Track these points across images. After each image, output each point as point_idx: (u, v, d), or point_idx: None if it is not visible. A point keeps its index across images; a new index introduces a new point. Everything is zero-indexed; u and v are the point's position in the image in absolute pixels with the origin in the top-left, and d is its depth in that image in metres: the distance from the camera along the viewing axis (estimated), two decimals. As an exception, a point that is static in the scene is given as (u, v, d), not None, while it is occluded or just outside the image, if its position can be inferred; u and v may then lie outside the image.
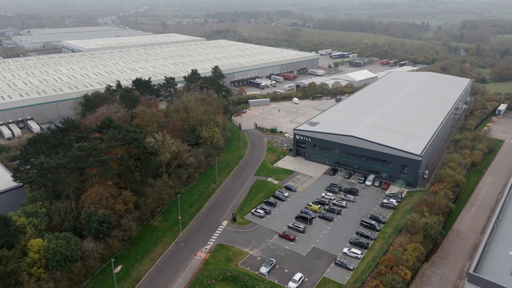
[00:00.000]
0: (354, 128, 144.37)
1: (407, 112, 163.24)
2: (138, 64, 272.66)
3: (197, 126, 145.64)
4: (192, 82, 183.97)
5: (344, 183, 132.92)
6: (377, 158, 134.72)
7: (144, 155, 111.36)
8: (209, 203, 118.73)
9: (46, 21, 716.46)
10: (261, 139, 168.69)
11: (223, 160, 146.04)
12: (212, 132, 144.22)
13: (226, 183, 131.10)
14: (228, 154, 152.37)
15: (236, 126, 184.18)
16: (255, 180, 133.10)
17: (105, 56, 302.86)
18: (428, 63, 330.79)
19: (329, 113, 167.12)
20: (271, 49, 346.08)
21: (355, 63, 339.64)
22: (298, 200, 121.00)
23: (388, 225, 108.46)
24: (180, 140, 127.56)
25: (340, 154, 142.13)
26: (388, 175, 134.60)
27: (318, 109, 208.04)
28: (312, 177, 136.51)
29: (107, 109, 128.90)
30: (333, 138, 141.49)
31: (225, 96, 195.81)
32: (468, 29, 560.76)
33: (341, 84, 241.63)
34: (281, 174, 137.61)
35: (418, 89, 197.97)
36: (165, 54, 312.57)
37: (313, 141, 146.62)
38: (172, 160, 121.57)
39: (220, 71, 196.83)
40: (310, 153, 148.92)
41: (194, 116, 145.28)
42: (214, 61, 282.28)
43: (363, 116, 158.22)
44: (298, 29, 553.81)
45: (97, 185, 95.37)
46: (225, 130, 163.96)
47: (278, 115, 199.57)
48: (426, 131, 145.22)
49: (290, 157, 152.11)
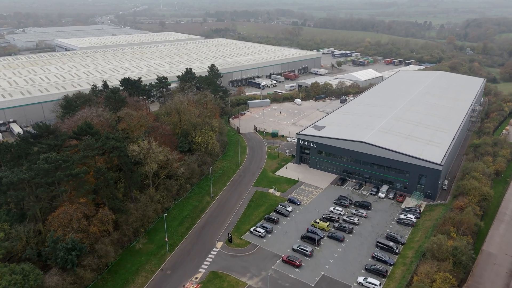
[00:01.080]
0: (364, 133, 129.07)
1: (420, 115, 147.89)
2: (132, 63, 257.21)
3: (190, 131, 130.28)
4: (187, 82, 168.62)
5: (355, 195, 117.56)
6: (391, 167, 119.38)
7: (126, 165, 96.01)
8: (202, 220, 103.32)
9: (43, 20, 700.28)
10: (261, 144, 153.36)
11: (219, 168, 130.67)
12: (207, 137, 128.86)
13: (222, 195, 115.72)
14: (225, 161, 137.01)
15: (234, 130, 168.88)
16: (255, 191, 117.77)
17: (98, 55, 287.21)
18: (435, 62, 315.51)
19: (335, 116, 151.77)
20: (271, 48, 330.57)
21: (359, 62, 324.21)
22: (303, 216, 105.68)
23: (408, 247, 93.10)
24: (170, 148, 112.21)
25: (349, 161, 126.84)
26: (403, 186, 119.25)
27: (322, 110, 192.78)
28: (318, 188, 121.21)
29: (88, 112, 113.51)
30: (341, 144, 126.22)
31: (223, 97, 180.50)
32: (472, 27, 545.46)
33: (346, 84, 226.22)
34: (284, 185, 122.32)
35: (430, 89, 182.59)
36: (160, 53, 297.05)
37: (318, 147, 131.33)
38: (161, 170, 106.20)
39: (217, 70, 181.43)
40: (315, 160, 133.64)
41: (187, 120, 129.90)
42: (212, 60, 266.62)
43: (373, 119, 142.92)
44: (298, 28, 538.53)
45: (68, 204, 80.00)
46: (222, 134, 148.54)
47: (279, 117, 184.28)
48: (444, 136, 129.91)
49: (293, 165, 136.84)
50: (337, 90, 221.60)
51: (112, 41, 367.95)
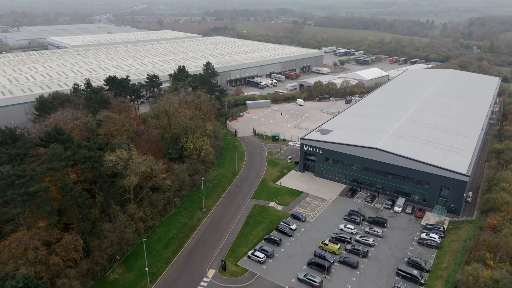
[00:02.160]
0: (376, 137, 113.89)
1: (436, 117, 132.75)
2: (125, 62, 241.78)
3: (181, 135, 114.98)
4: (180, 81, 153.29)
5: (367, 208, 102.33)
6: (408, 177, 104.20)
7: (102, 178, 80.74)
8: (191, 241, 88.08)
9: (40, 19, 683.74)
10: (261, 149, 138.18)
11: (214, 178, 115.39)
12: (199, 142, 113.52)
13: (215, 209, 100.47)
14: (220, 169, 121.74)
15: (231, 133, 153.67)
16: (253, 205, 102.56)
17: (90, 53, 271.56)
18: (442, 60, 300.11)
19: (343, 118, 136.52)
20: (272, 46, 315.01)
21: (362, 60, 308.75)
22: (309, 235, 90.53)
23: (435, 276, 77.85)
24: (157, 156, 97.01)
25: (360, 170, 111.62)
26: (422, 199, 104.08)
27: (326, 111, 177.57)
28: (326, 201, 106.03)
29: (62, 115, 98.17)
30: (350, 150, 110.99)
31: (219, 98, 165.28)
32: (476, 26, 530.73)
33: (351, 83, 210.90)
34: (286, 197, 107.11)
35: (443, 89, 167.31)
36: (155, 51, 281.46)
37: (325, 153, 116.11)
38: (144, 182, 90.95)
39: (213, 68, 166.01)
40: (321, 168, 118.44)
41: (177, 123, 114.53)
42: (209, 58, 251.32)
43: (384, 122, 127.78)
44: (299, 26, 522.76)
45: (23, 229, 64.76)
46: (217, 138, 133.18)
47: (280, 119, 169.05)
48: (466, 142, 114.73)
49: (296, 173, 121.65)
50: (342, 90, 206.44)
51: (107, 39, 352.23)
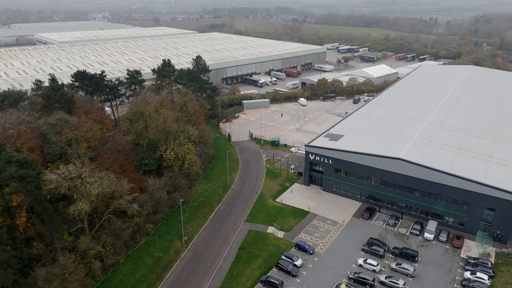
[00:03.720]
0: (397, 145, 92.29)
1: (465, 119, 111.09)
2: (111, 58, 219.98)
3: (160, 142, 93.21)
4: (165, 77, 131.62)
5: (389, 234, 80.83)
6: (440, 194, 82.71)
7: (40, 205, 59.06)
8: (164, 285, 66.42)
9: (34, 17, 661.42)
10: (258, 157, 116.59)
11: (200, 194, 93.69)
12: (182, 150, 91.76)
13: (199, 238, 78.81)
14: (209, 182, 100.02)
15: (225, 137, 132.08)
16: (248, 230, 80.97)
17: (75, 49, 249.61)
18: (452, 57, 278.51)
19: (354, 121, 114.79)
20: (271, 42, 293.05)
21: (368, 57, 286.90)
22: (319, 274, 68.93)
23: None
24: (123, 171, 75.33)
25: (378, 185, 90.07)
26: (458, 222, 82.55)
27: (332, 112, 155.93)
28: (337, 224, 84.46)
29: (2, 118, 76.35)
30: (366, 160, 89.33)
31: (211, 96, 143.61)
32: (481, 23, 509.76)
33: (358, 81, 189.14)
34: (289, 219, 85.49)
35: (465, 87, 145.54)
36: (146, 47, 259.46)
37: (335, 163, 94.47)
38: (104, 206, 69.24)
39: (204, 62, 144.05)
40: (330, 182, 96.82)
41: (155, 127, 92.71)
42: (204, 54, 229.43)
43: (404, 125, 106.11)
44: (299, 24, 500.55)
45: None
46: (206, 145, 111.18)
47: (280, 121, 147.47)
48: (509, 150, 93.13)
49: (300, 187, 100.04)
50: (348, 88, 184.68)
51: (97, 35, 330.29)
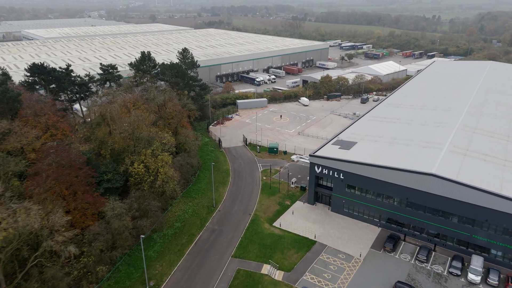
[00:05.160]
0: (426, 155, 72.51)
1: (503, 122, 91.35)
2: (96, 53, 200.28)
3: (127, 152, 73.18)
4: (145, 72, 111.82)
5: (422, 274, 61.08)
6: (487, 222, 62.98)
7: None
8: None
9: (28, 15, 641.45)
10: (253, 167, 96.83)
11: (177, 218, 73.81)
12: (155, 163, 71.73)
13: (171, 282, 58.76)
14: (190, 201, 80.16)
15: (215, 142, 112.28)
16: (236, 271, 61.14)
17: (59, 44, 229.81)
18: (463, 54, 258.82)
19: (367, 124, 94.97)
20: (270, 38, 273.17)
21: (372, 54, 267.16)
22: None
23: None
24: (74, 190, 55.48)
25: (403, 207, 70.34)
26: (510, 258, 62.87)
27: (338, 113, 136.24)
28: (353, 259, 64.66)
29: None
30: (388, 175, 69.44)
31: (200, 95, 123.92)
32: (487, 21, 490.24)
33: (366, 79, 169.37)
34: (290, 252, 65.69)
35: (491, 85, 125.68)
36: (136, 43, 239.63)
37: (348, 178, 74.66)
38: (28, 249, 49.35)
39: (192, 56, 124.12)
40: (341, 201, 77.03)
41: (120, 134, 72.67)
42: (197, 50, 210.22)
43: (429, 129, 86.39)
44: (299, 21, 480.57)
45: None
46: (190, 153, 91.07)
47: (279, 123, 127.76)
48: None
49: (304, 206, 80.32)
50: (355, 87, 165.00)
51: (86, 32, 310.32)
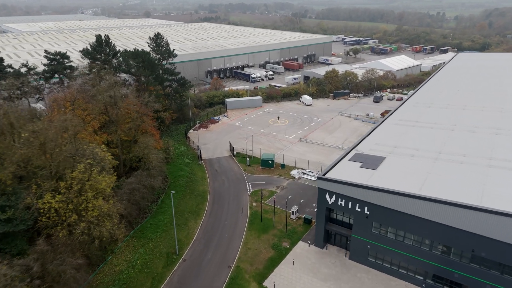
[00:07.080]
0: (497, 181, 47.04)
1: None
2: (70, 46, 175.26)
3: (40, 177, 47.31)
4: (103, 62, 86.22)
5: None
6: None
7: None
8: None
9: (21, 11, 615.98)
10: (240, 187, 71.28)
11: (116, 277, 48.22)
12: (83, 195, 45.92)
13: None
14: (142, 245, 54.56)
15: (194, 152, 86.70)
16: None
17: (32, 37, 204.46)
18: (478, 49, 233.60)
19: (393, 130, 69.33)
20: (267, 31, 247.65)
21: (380, 49, 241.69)
22: None
23: None
24: None
25: (464, 261, 44.85)
26: None
27: (348, 114, 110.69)
28: None
29: None
30: (438, 212, 43.92)
31: (179, 92, 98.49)
32: (494, 17, 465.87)
33: (378, 74, 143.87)
34: None
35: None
36: (120, 35, 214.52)
37: (375, 213, 49.03)
38: None
39: (166, 43, 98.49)
40: (364, 246, 51.44)
41: (20, 149, 46.80)
42: (185, 43, 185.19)
43: (485, 138, 60.87)
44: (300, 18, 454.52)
45: None
46: (151, 171, 65.11)
47: (276, 127, 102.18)
48: None
49: (309, 249, 54.75)
50: (365, 83, 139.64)
51: (70, 26, 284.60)
